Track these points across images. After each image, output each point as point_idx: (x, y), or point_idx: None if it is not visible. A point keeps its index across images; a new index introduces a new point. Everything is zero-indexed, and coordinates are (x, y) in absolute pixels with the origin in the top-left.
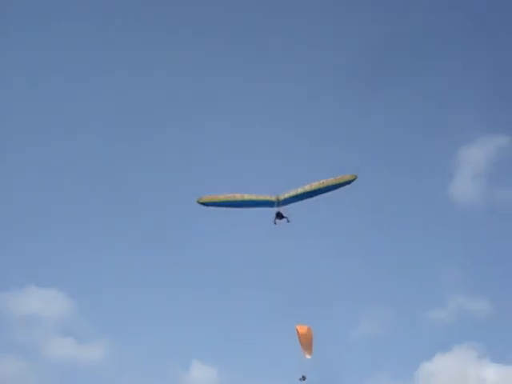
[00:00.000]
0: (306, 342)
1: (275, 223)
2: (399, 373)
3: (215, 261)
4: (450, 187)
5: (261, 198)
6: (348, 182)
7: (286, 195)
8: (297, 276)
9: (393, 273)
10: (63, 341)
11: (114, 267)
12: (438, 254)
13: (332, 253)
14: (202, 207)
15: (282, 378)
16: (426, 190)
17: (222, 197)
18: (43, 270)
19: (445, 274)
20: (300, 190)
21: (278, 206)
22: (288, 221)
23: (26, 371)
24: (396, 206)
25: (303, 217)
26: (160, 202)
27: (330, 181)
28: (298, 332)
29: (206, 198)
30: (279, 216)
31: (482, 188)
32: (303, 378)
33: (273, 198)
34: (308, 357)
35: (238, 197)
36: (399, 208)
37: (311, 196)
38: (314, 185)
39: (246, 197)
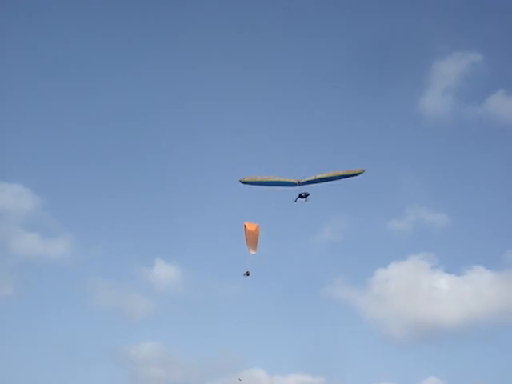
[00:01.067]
0: (252, 239)
1: (295, 201)
2: (356, 278)
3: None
4: (420, 100)
5: (286, 180)
6: (356, 174)
7: (306, 179)
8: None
9: (355, 182)
10: (28, 236)
11: (80, 163)
12: (400, 165)
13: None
14: None
15: (241, 276)
16: (397, 102)
17: (259, 178)
18: (8, 164)
19: (406, 185)
20: (317, 176)
21: (299, 186)
22: (306, 200)
23: None
24: (365, 114)
25: None
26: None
27: (342, 172)
28: (245, 229)
29: (246, 179)
30: (301, 196)
31: (452, 103)
32: (247, 273)
33: (295, 181)
34: (253, 252)
35: (270, 178)
36: (367, 116)
37: (325, 181)
38: (328, 174)
39: (276, 178)
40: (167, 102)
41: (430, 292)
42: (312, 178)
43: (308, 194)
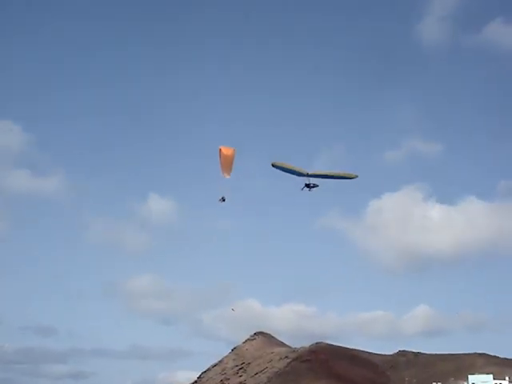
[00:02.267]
0: (228, 163)
1: (302, 189)
2: (350, 209)
3: None
4: (417, 27)
5: (300, 170)
6: (350, 178)
7: (312, 172)
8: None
9: (349, 112)
10: (19, 173)
11: (72, 100)
12: (396, 95)
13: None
14: None
15: (241, 211)
16: (393, 29)
17: (285, 164)
18: None
19: (401, 115)
20: (321, 172)
21: (307, 177)
22: (310, 190)
23: None
24: (361, 42)
25: None
26: None
27: (341, 173)
28: (221, 152)
29: (277, 163)
30: (307, 186)
31: (449, 31)
32: (222, 199)
33: (304, 172)
34: (227, 177)
35: (290, 166)
36: (364, 44)
37: (325, 178)
38: (330, 172)
39: (297, 168)
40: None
41: (422, 222)
42: (318, 173)
43: (317, 186)
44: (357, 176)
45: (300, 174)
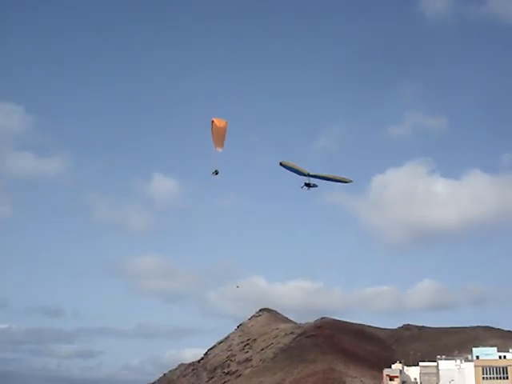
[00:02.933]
0: (220, 136)
1: (301, 187)
2: (353, 184)
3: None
4: (421, 1)
5: (302, 169)
6: (346, 182)
7: (312, 173)
8: None
9: (352, 88)
10: (22, 155)
11: (75, 80)
12: (399, 69)
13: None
14: None
15: (245, 188)
16: (396, 2)
17: (289, 163)
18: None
19: (404, 90)
20: (320, 174)
21: (307, 177)
22: (308, 189)
23: None
24: (367, 20)
25: None
26: None
27: (338, 176)
28: (213, 124)
29: (285, 163)
30: (306, 185)
31: (453, 3)
32: (215, 172)
33: (305, 172)
34: (219, 150)
35: (295, 166)
36: (368, 17)
37: (324, 179)
38: (328, 175)
39: (301, 169)
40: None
41: (426, 197)
42: (318, 174)
43: (316, 186)
44: (351, 181)
45: (302, 174)
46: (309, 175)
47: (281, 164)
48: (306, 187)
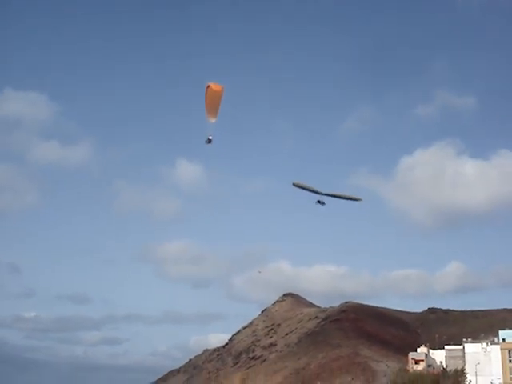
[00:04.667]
0: (215, 103)
1: (315, 203)
2: (380, 167)
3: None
4: None
5: (315, 189)
6: (356, 200)
7: (324, 192)
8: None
9: (379, 70)
10: (47, 144)
11: (98, 67)
12: (428, 46)
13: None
14: None
15: (268, 174)
16: None
17: (302, 184)
18: (22, 72)
19: (434, 68)
20: (331, 192)
21: (320, 195)
22: (322, 205)
23: (13, 175)
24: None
25: None
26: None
27: (348, 195)
28: (209, 90)
29: (297, 183)
30: (320, 202)
31: None
32: (208, 140)
33: (319, 191)
34: (212, 121)
35: (307, 186)
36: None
37: (338, 198)
38: (341, 194)
39: (312, 187)
40: None
41: (455, 178)
42: (329, 192)
43: (324, 203)
44: (361, 199)
45: (315, 192)
46: (320, 193)
47: (294, 184)
48: (319, 204)
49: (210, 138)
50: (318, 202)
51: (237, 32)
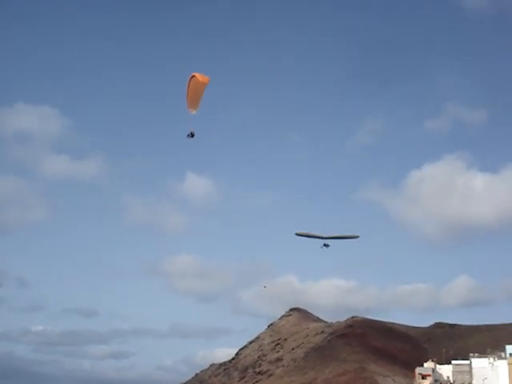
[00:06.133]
0: (197, 94)
1: (321, 247)
2: (389, 180)
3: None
4: None
5: (317, 234)
6: (354, 237)
7: (326, 236)
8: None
9: (389, 82)
10: (58, 158)
11: (109, 81)
12: (439, 59)
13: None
14: None
15: (278, 187)
16: None
17: (304, 232)
18: (34, 86)
19: (445, 81)
20: (332, 235)
21: (323, 239)
22: (327, 247)
23: (22, 189)
24: (405, 11)
25: None
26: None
27: (346, 235)
28: (193, 80)
29: (300, 232)
30: (324, 245)
31: None
32: (191, 134)
33: (321, 235)
34: (193, 112)
35: (309, 233)
36: (408, 14)
37: (336, 239)
38: (341, 235)
39: (314, 233)
40: None
41: (464, 191)
42: (331, 235)
43: (328, 245)
44: (358, 236)
45: (318, 237)
46: (323, 237)
47: (296, 234)
48: (324, 247)
49: (193, 131)
50: (324, 245)
51: (247, 44)
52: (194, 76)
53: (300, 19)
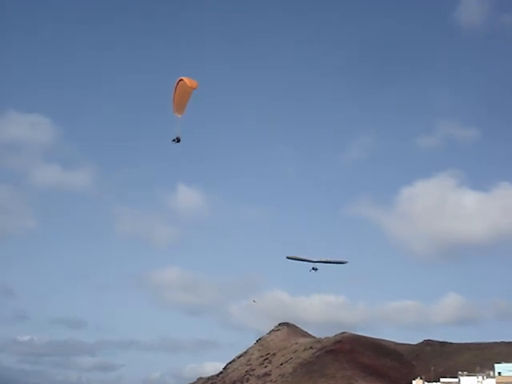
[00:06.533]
0: (184, 98)
1: (310, 271)
2: (380, 196)
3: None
4: (454, 7)
5: (307, 258)
6: (342, 263)
7: (316, 259)
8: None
9: (382, 98)
10: (49, 167)
11: (101, 91)
12: (432, 77)
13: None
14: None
15: (268, 201)
16: (429, 9)
17: (295, 256)
18: (26, 94)
19: (435, 99)
20: (325, 259)
21: (313, 263)
22: (315, 271)
23: (12, 197)
24: (399, 26)
25: None
26: None
27: (336, 260)
28: (181, 83)
29: (291, 256)
30: (314, 269)
31: (487, 10)
32: (177, 139)
33: (311, 259)
34: (178, 116)
35: (300, 257)
36: (402, 30)
37: (328, 263)
38: (330, 259)
39: (304, 257)
40: None
41: (455, 209)
42: (321, 259)
43: (317, 269)
44: (347, 262)
45: (308, 261)
46: (312, 261)
47: (287, 257)
48: (313, 270)
49: (179, 137)
50: (313, 268)
51: (237, 54)
52: (181, 80)
53: (289, 34)
